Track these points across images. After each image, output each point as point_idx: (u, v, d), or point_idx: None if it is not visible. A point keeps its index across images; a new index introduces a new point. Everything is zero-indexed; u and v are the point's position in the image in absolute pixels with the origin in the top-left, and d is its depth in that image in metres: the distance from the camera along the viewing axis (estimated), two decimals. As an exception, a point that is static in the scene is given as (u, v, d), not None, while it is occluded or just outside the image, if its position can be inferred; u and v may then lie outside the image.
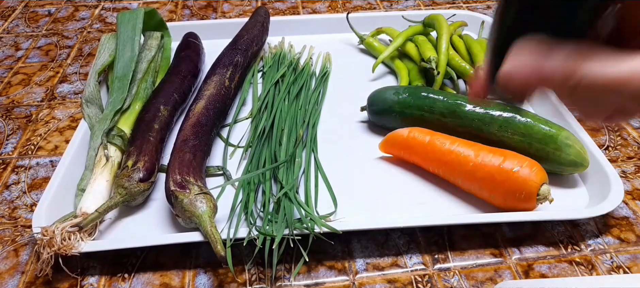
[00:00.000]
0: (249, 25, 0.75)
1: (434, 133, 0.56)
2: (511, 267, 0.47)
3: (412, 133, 0.56)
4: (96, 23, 0.90)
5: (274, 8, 0.94)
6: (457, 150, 0.53)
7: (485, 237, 0.50)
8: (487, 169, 0.50)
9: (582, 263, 0.48)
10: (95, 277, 0.47)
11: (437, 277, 0.47)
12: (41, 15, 0.93)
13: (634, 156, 0.60)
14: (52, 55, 0.81)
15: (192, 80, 0.67)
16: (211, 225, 0.45)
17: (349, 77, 0.73)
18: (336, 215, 0.51)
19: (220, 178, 0.57)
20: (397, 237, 0.50)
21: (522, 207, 0.49)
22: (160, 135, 0.57)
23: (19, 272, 0.48)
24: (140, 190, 0.51)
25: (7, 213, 0.54)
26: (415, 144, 0.56)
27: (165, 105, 0.60)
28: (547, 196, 0.48)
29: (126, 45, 0.69)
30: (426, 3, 0.95)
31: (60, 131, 0.65)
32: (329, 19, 0.83)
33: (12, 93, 0.72)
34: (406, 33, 0.73)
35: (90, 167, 0.55)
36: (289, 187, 0.50)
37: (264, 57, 0.76)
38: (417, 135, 0.56)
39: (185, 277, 0.47)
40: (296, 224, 0.47)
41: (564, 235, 0.50)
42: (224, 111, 0.62)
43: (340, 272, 0.47)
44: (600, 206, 0.49)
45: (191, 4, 0.96)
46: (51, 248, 0.44)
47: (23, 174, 0.59)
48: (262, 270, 0.47)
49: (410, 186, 0.55)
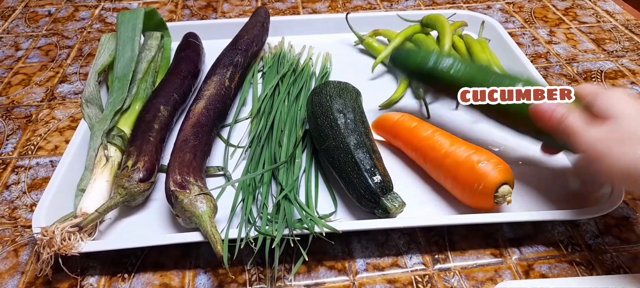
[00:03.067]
0: (249, 25, 0.75)
1: (420, 120, 0.57)
2: (511, 267, 0.47)
3: (402, 117, 0.58)
4: (96, 23, 0.90)
5: (274, 8, 0.94)
6: (433, 137, 0.54)
7: (486, 237, 0.50)
8: (453, 158, 0.51)
9: (583, 264, 0.48)
10: (95, 277, 0.47)
11: (438, 277, 0.47)
12: (41, 15, 0.93)
13: (634, 156, 0.60)
14: (52, 55, 0.81)
15: (192, 80, 0.67)
16: (211, 225, 0.45)
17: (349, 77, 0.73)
18: (336, 215, 0.51)
19: (220, 178, 0.57)
20: (397, 237, 0.50)
21: (480, 204, 0.49)
22: (160, 135, 0.57)
23: (18, 272, 0.48)
24: (140, 190, 0.51)
25: (7, 213, 0.54)
26: (401, 128, 0.58)
27: (165, 105, 0.60)
28: (505, 197, 0.48)
29: (126, 45, 0.69)
30: (426, 3, 0.95)
31: (60, 131, 0.65)
32: (329, 19, 0.83)
33: (12, 93, 0.72)
34: (405, 33, 0.73)
35: (90, 167, 0.55)
36: (289, 189, 0.50)
37: (264, 57, 0.76)
38: (405, 121, 0.58)
39: (185, 277, 0.47)
40: (296, 224, 0.47)
41: (564, 235, 0.50)
42: (224, 111, 0.62)
43: (340, 272, 0.47)
44: (601, 206, 0.49)
45: (191, 4, 0.96)
46: (51, 248, 0.44)
47: (23, 174, 0.59)
48: (262, 270, 0.47)
49: (410, 186, 0.55)
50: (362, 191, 0.49)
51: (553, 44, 0.82)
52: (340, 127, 0.53)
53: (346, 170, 0.50)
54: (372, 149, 0.52)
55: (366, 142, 0.52)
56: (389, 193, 0.49)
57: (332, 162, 0.52)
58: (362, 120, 0.55)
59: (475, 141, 0.55)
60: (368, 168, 0.49)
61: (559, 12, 0.91)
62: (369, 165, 0.50)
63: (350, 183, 0.50)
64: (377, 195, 0.48)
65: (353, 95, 0.58)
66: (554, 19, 0.89)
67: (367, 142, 0.52)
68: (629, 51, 0.79)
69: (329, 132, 0.53)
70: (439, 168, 0.53)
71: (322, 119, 0.55)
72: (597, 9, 0.92)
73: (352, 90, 0.59)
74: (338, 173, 0.52)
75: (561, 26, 0.87)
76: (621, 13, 0.90)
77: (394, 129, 0.58)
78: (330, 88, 0.58)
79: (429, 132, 0.55)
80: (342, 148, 0.51)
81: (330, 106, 0.55)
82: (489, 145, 0.58)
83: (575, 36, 0.84)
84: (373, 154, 0.51)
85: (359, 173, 0.49)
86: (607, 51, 0.79)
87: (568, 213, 0.49)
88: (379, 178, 0.49)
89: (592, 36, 0.83)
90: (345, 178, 0.51)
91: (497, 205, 0.49)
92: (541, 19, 0.89)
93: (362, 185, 0.49)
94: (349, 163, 0.50)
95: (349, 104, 0.56)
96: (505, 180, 0.48)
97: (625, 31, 0.85)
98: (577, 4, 0.93)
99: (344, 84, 0.59)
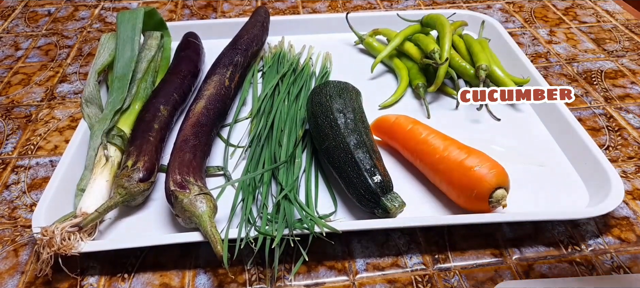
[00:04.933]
0: (249, 25, 0.75)
1: (417, 122, 0.57)
2: (511, 267, 0.47)
3: (398, 119, 0.58)
4: (96, 23, 0.90)
5: (274, 8, 0.94)
6: (428, 141, 0.54)
7: (486, 237, 0.50)
8: (447, 164, 0.51)
9: (583, 264, 0.48)
10: (95, 277, 0.47)
11: (438, 277, 0.47)
12: (41, 15, 0.93)
13: (634, 156, 0.60)
14: (52, 55, 0.81)
15: (192, 80, 0.67)
16: (211, 225, 0.45)
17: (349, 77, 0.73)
18: (336, 215, 0.51)
19: (220, 178, 0.57)
20: (397, 237, 0.50)
21: (477, 208, 0.49)
22: (160, 135, 0.57)
23: (18, 272, 0.48)
24: (140, 190, 0.51)
25: (7, 213, 0.54)
26: (398, 130, 0.57)
27: (165, 105, 0.60)
28: (500, 201, 0.48)
29: (126, 45, 0.69)
30: (426, 3, 0.95)
31: (60, 131, 0.65)
32: (329, 19, 0.83)
33: (11, 93, 0.72)
34: (404, 32, 0.73)
35: (90, 167, 0.55)
36: (288, 189, 0.50)
37: (264, 57, 0.76)
38: (401, 122, 0.58)
39: (185, 277, 0.47)
40: (296, 224, 0.47)
41: (564, 235, 0.50)
42: (224, 111, 0.62)
43: (340, 272, 0.47)
44: (601, 206, 0.49)
45: (191, 3, 0.96)
46: (51, 248, 0.44)
47: (23, 174, 0.59)
48: (262, 270, 0.47)
49: (411, 186, 0.55)
50: (362, 191, 0.49)
51: (553, 43, 0.82)
52: (340, 126, 0.53)
53: (346, 170, 0.50)
54: (372, 149, 0.52)
55: (366, 142, 0.52)
56: (389, 193, 0.49)
57: (332, 162, 0.52)
58: (362, 120, 0.55)
59: (476, 141, 0.54)
60: (368, 168, 0.49)
61: (559, 11, 0.91)
62: (369, 165, 0.50)
63: (350, 183, 0.50)
64: (377, 195, 0.48)
65: (353, 95, 0.58)
66: (554, 19, 0.89)
67: (367, 142, 0.52)
68: (629, 51, 0.79)
69: (329, 132, 0.53)
70: (435, 173, 0.52)
71: (322, 119, 0.55)
72: (597, 8, 0.92)
73: (352, 89, 0.59)
74: (338, 173, 0.52)
75: (561, 26, 0.87)
76: (621, 13, 0.90)
77: (391, 130, 0.58)
78: (330, 88, 0.58)
79: (424, 135, 0.55)
80: (342, 148, 0.51)
81: (330, 106, 0.55)
82: (491, 145, 0.58)
83: (575, 36, 0.84)
84: (373, 154, 0.51)
85: (359, 173, 0.49)
86: (608, 51, 0.79)
87: (568, 213, 0.49)
88: (379, 178, 0.49)
89: (592, 36, 0.83)
90: (345, 178, 0.51)
91: (493, 209, 0.49)
92: (541, 19, 0.89)
93: (362, 185, 0.49)
94: (349, 163, 0.50)
95: (349, 104, 0.56)
96: (500, 184, 0.48)
97: (625, 31, 0.85)
98: (577, 4, 0.93)
99: (344, 84, 0.59)
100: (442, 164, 0.51)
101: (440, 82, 0.65)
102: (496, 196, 0.48)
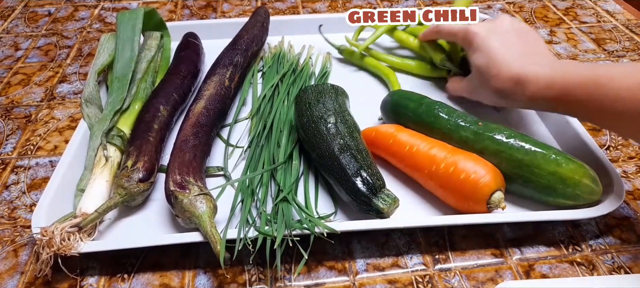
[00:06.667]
0: (248, 25, 0.75)
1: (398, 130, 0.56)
2: (512, 268, 0.47)
3: (378, 133, 0.57)
4: (96, 23, 0.90)
5: (274, 8, 0.94)
6: (414, 153, 0.53)
7: (486, 237, 0.50)
8: (439, 177, 0.50)
9: (583, 264, 0.48)
10: (95, 278, 0.47)
11: (438, 278, 0.46)
12: (41, 15, 0.93)
13: (635, 156, 0.60)
14: (52, 55, 0.81)
15: (191, 80, 0.66)
16: (211, 225, 0.45)
17: (348, 77, 0.73)
18: (336, 216, 0.51)
19: (220, 178, 0.57)
20: (398, 237, 0.50)
21: (475, 211, 0.49)
22: (160, 135, 0.57)
23: (18, 273, 0.48)
24: (140, 190, 0.51)
25: (7, 213, 0.54)
26: (381, 144, 0.56)
27: (165, 105, 0.60)
28: (498, 204, 0.48)
29: (126, 45, 0.69)
30: (426, 2, 0.95)
31: (59, 131, 0.65)
32: (329, 19, 0.83)
33: (11, 93, 0.72)
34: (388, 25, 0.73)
35: (89, 167, 0.55)
36: (287, 191, 0.50)
37: (264, 57, 0.75)
38: (382, 136, 0.56)
39: (185, 278, 0.47)
40: (296, 225, 0.46)
41: (565, 236, 0.50)
42: (223, 111, 0.62)
43: (340, 273, 0.47)
44: (602, 206, 0.49)
45: (191, 4, 0.96)
46: (50, 248, 0.44)
47: (22, 174, 0.58)
48: (262, 270, 0.47)
49: (409, 186, 0.55)
50: (353, 196, 0.48)
51: (553, 43, 0.82)
52: (322, 134, 0.52)
53: (335, 176, 0.50)
54: (357, 150, 0.51)
55: (350, 144, 0.51)
56: (379, 193, 0.48)
57: (324, 169, 0.52)
58: (344, 121, 0.54)
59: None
60: (353, 172, 0.49)
61: (560, 12, 0.91)
62: (354, 168, 0.49)
63: (342, 188, 0.49)
64: (367, 197, 0.48)
65: (332, 95, 0.57)
66: (555, 19, 0.89)
67: (352, 144, 0.51)
68: (630, 51, 0.79)
69: (314, 141, 0.53)
70: (427, 185, 0.52)
71: (306, 129, 0.54)
72: (597, 8, 0.92)
73: (330, 90, 0.58)
74: (331, 180, 0.51)
75: (561, 26, 0.87)
76: (621, 13, 0.90)
77: (374, 144, 0.56)
78: (308, 94, 0.57)
79: (407, 149, 0.53)
80: (327, 155, 0.51)
81: (311, 114, 0.54)
82: None
83: (575, 36, 0.84)
84: (358, 155, 0.50)
85: (347, 179, 0.49)
86: (608, 51, 0.79)
87: (568, 213, 0.49)
88: (366, 180, 0.48)
89: (593, 36, 0.83)
90: (337, 184, 0.50)
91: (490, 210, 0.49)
92: (541, 19, 0.89)
93: (351, 190, 0.48)
94: (336, 169, 0.50)
95: (329, 107, 0.55)
96: (498, 187, 0.48)
97: (625, 31, 0.85)
98: (577, 4, 0.93)
99: (322, 86, 0.58)
100: (432, 180, 0.51)
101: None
102: (493, 200, 0.48)
